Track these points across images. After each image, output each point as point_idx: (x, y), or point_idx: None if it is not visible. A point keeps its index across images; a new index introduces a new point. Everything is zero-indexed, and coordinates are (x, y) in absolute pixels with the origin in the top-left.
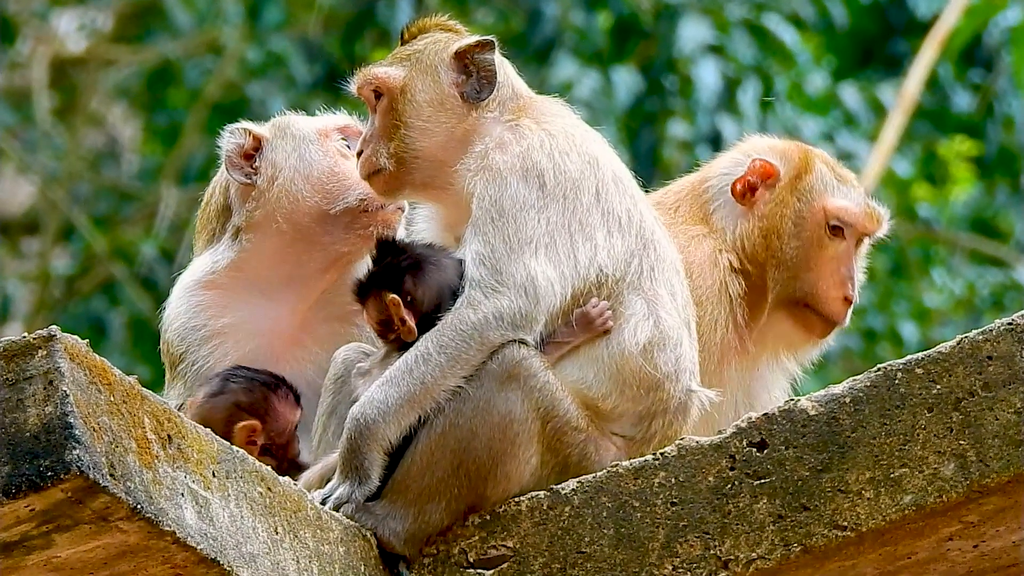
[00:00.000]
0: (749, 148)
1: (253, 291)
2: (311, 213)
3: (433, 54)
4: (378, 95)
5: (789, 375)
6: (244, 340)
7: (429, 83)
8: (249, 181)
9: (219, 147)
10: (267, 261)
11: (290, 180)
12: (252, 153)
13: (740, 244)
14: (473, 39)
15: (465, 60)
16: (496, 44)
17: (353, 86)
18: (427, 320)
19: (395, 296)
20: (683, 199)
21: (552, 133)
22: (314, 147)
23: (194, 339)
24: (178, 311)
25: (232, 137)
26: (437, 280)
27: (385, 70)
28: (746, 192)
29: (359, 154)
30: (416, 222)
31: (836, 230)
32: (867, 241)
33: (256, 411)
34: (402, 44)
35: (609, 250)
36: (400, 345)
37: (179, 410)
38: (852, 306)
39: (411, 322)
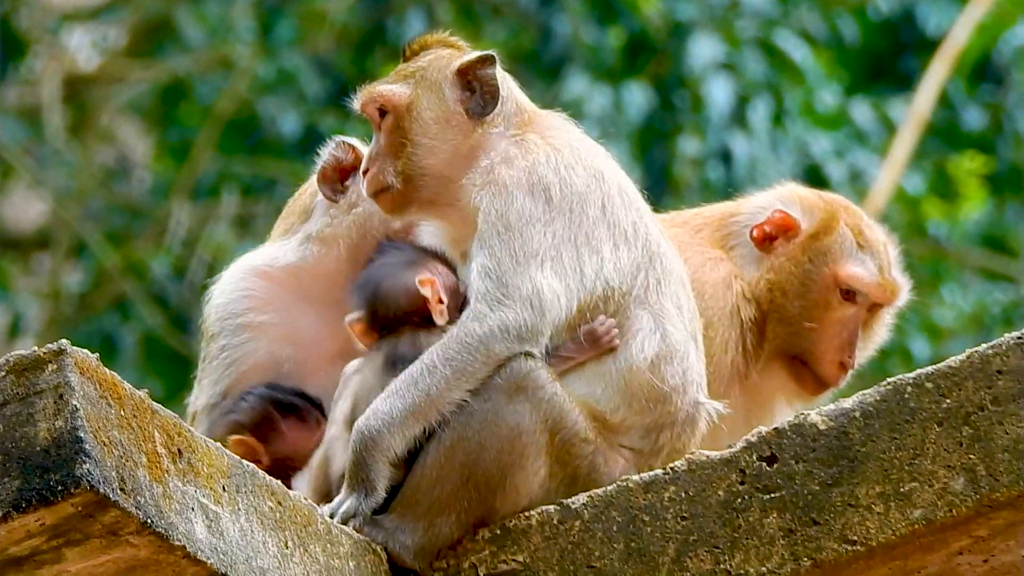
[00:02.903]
0: (782, 194)
1: (302, 299)
2: (372, 251)
3: (436, 71)
4: (383, 113)
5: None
6: (279, 343)
7: (434, 100)
8: (334, 199)
9: (317, 155)
10: (322, 278)
11: (367, 214)
12: (349, 171)
13: (750, 288)
14: (475, 55)
15: (468, 76)
16: (497, 59)
17: (357, 104)
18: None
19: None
20: (709, 224)
21: (557, 147)
22: None
23: (231, 324)
24: (225, 289)
25: (334, 150)
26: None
27: (390, 88)
28: (764, 240)
29: (365, 172)
30: (422, 239)
31: (848, 295)
32: (885, 309)
33: (257, 431)
34: (404, 61)
35: (615, 263)
36: (391, 354)
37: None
38: (848, 372)
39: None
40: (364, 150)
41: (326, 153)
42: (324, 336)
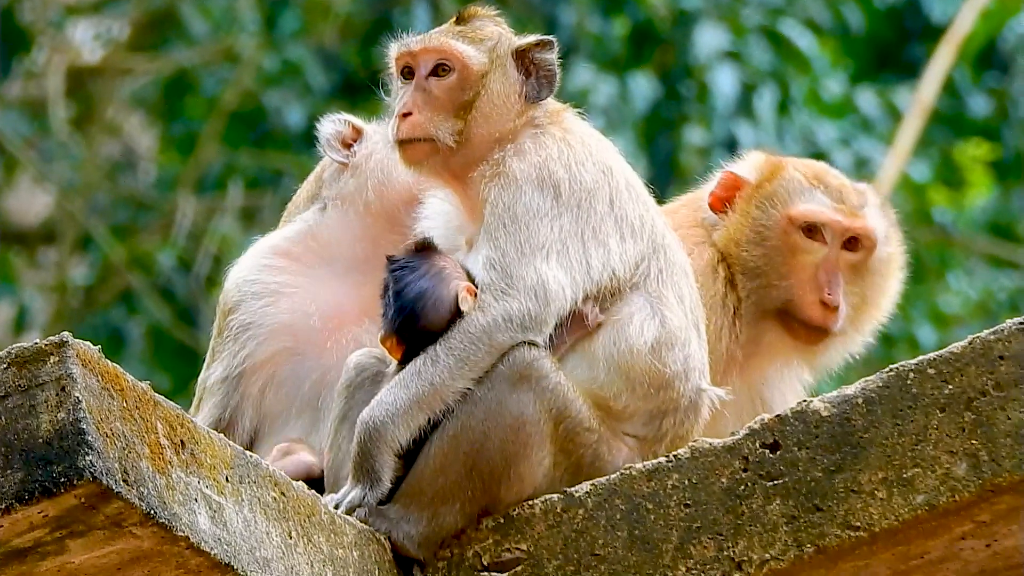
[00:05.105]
0: (737, 161)
1: (322, 262)
2: (401, 193)
3: (502, 46)
4: (445, 68)
5: (800, 384)
6: (300, 305)
7: (502, 75)
8: (346, 161)
9: (316, 133)
10: (346, 234)
11: (388, 158)
12: (350, 143)
13: (720, 252)
14: (533, 38)
15: (525, 59)
16: (555, 44)
17: (413, 47)
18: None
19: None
20: (686, 205)
21: (570, 143)
22: None
23: (250, 291)
24: (243, 266)
25: (332, 125)
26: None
27: (464, 48)
28: (719, 204)
29: (405, 115)
30: (426, 219)
31: (812, 233)
32: (876, 252)
33: None
34: (457, 23)
35: (621, 255)
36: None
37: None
38: (837, 311)
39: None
40: (361, 125)
41: (327, 128)
42: (346, 296)
